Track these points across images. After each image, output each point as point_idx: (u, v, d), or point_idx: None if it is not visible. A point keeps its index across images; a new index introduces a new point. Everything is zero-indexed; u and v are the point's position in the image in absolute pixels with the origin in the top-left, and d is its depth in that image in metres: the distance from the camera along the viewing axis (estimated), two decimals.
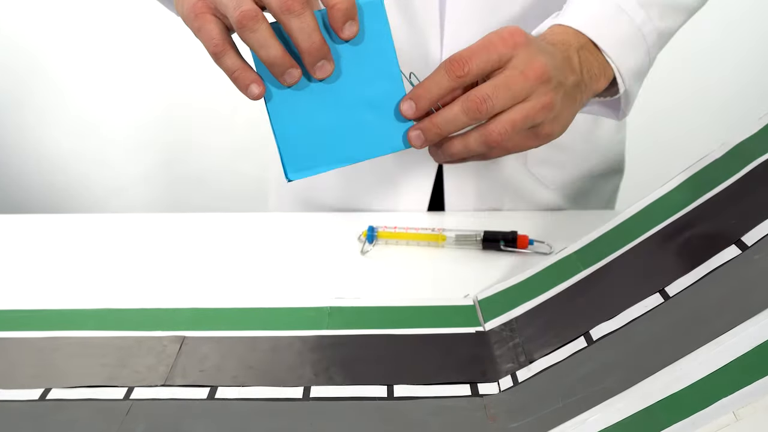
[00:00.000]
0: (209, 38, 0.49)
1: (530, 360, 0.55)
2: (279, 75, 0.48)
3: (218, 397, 0.54)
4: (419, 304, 0.65)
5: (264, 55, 0.48)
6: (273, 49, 0.47)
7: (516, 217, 0.84)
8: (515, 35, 0.53)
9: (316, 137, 0.50)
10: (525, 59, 0.53)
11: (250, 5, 0.47)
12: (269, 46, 0.47)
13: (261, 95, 0.49)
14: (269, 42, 0.47)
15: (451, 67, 0.53)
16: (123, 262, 0.76)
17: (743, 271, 0.50)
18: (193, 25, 0.50)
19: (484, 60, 0.53)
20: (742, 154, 0.59)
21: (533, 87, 0.54)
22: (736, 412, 0.42)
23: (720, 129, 1.88)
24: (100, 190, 2.08)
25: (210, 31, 0.49)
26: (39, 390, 0.54)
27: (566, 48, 0.59)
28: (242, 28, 0.47)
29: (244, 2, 0.47)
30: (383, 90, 0.50)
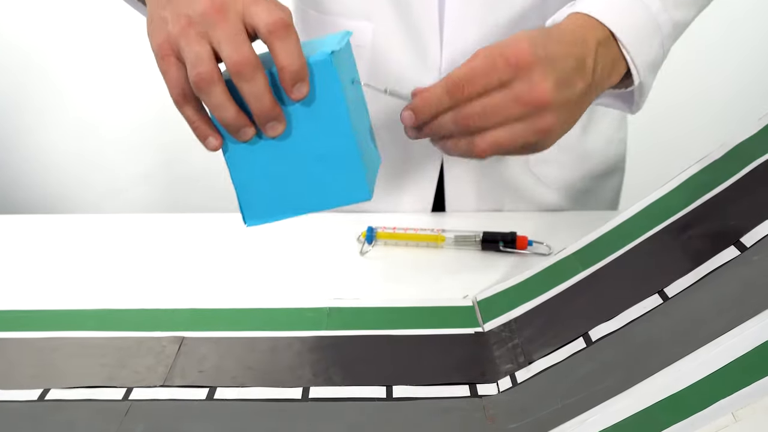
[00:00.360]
0: (173, 86, 0.50)
1: (529, 361, 0.55)
2: (233, 133, 0.50)
3: (217, 397, 0.54)
4: (418, 305, 0.65)
5: (218, 116, 0.49)
6: (227, 111, 0.49)
7: (516, 218, 0.84)
8: (521, 56, 0.53)
9: (273, 187, 0.52)
10: (526, 85, 0.53)
11: (206, 66, 0.48)
12: (224, 108, 0.49)
13: (218, 148, 0.51)
14: (224, 104, 0.49)
15: (452, 90, 0.54)
16: (122, 262, 0.76)
17: (742, 272, 0.50)
18: (159, 65, 0.51)
19: (483, 84, 0.54)
20: (742, 154, 0.59)
21: (528, 112, 0.54)
22: (735, 413, 0.42)
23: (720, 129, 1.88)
24: (99, 191, 2.08)
25: (173, 77, 0.50)
26: (38, 390, 0.54)
27: (583, 48, 0.57)
28: (198, 90, 0.48)
29: (201, 62, 0.48)
30: (335, 145, 0.51)
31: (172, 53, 0.50)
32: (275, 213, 0.53)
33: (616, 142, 0.93)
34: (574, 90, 0.56)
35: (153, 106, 1.99)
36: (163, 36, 0.50)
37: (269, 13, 0.49)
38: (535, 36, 0.55)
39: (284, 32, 0.48)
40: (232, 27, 0.48)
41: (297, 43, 0.49)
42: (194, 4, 0.49)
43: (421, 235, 0.77)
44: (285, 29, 0.48)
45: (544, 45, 0.55)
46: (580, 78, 0.56)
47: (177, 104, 0.50)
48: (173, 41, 0.50)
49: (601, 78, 0.59)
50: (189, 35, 0.49)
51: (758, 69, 1.97)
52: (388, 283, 0.71)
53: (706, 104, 1.98)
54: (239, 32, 0.49)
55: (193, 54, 0.49)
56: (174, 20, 0.50)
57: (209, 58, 0.48)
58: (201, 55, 0.48)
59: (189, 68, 0.49)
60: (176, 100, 0.50)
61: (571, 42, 0.57)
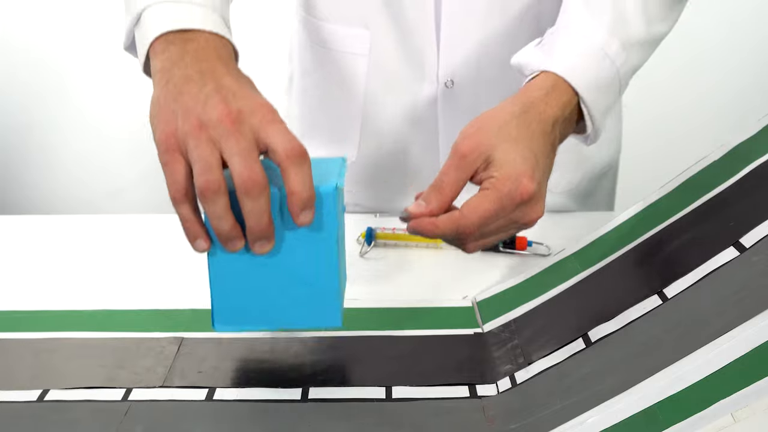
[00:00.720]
0: (173, 181, 0.49)
1: (529, 361, 0.55)
2: (222, 242, 0.50)
3: (217, 398, 0.54)
4: (417, 306, 0.65)
5: (216, 225, 0.49)
6: (225, 222, 0.49)
7: None
8: (526, 194, 0.54)
9: (249, 297, 0.53)
10: (524, 211, 0.55)
11: (215, 175, 0.48)
12: (223, 220, 0.49)
13: (206, 250, 0.51)
14: (224, 215, 0.49)
15: (461, 232, 0.54)
16: (122, 263, 0.76)
17: (742, 272, 0.50)
18: (161, 157, 0.50)
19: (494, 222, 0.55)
20: (741, 155, 0.59)
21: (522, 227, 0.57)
22: (734, 413, 0.42)
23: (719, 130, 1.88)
24: (99, 191, 2.08)
25: (175, 174, 0.49)
26: (37, 391, 0.54)
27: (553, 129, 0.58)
28: (202, 197, 0.48)
29: (210, 170, 0.48)
30: (318, 272, 0.53)
31: (178, 149, 0.49)
32: (246, 323, 0.54)
33: (614, 143, 0.93)
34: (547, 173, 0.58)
35: None
36: (170, 129, 0.50)
37: (287, 137, 0.49)
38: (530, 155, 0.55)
39: (300, 160, 0.48)
40: (246, 142, 0.48)
41: (310, 172, 0.49)
42: (208, 108, 0.49)
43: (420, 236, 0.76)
44: (301, 157, 0.48)
45: (536, 162, 0.55)
46: (552, 162, 0.58)
47: (174, 201, 0.50)
48: (181, 138, 0.49)
49: (563, 138, 0.61)
50: (200, 138, 0.49)
51: (757, 70, 1.97)
52: (387, 283, 0.71)
53: (706, 105, 1.98)
54: (252, 149, 0.49)
55: (204, 160, 0.48)
56: (184, 117, 0.50)
57: (218, 167, 0.48)
58: (211, 163, 0.48)
59: (197, 172, 0.48)
60: (174, 197, 0.50)
61: (546, 130, 0.58)
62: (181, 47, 0.54)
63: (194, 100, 0.50)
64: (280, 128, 0.49)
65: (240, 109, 0.49)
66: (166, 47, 0.54)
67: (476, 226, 0.54)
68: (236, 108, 0.49)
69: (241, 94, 0.50)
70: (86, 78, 1.98)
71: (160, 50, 0.55)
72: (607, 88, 0.62)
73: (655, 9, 0.64)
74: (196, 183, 0.48)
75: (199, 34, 0.55)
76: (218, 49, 0.55)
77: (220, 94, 0.50)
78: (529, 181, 0.54)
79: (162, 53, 0.54)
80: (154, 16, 0.57)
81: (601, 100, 0.61)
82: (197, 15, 0.56)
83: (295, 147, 0.48)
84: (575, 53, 0.61)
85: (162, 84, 0.52)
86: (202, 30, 0.55)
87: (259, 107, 0.50)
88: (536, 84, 0.60)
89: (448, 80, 0.81)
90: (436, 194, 0.55)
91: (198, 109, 0.49)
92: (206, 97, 0.50)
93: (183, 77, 0.52)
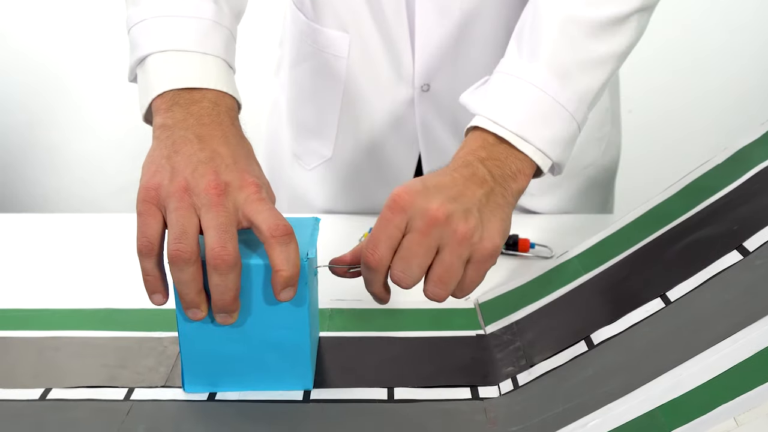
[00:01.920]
0: (143, 234, 0.50)
1: (531, 364, 0.55)
2: (185, 309, 0.51)
3: (218, 398, 0.54)
4: (420, 307, 0.65)
5: (180, 290, 0.50)
6: (190, 291, 0.49)
7: (517, 221, 0.84)
8: (399, 199, 0.53)
9: (220, 361, 0.54)
10: (420, 213, 0.53)
11: (190, 246, 0.48)
12: (188, 288, 0.49)
13: (162, 304, 0.51)
14: (190, 284, 0.49)
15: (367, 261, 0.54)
16: (124, 262, 0.76)
17: (744, 276, 0.50)
18: (138, 205, 0.50)
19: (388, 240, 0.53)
20: (744, 159, 0.59)
21: (437, 234, 0.53)
22: (736, 417, 0.42)
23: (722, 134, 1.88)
24: (101, 190, 2.09)
25: (148, 227, 0.50)
26: (39, 390, 0.54)
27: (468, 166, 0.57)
28: (172, 263, 0.48)
29: (185, 238, 0.48)
30: (289, 338, 0.53)
31: (157, 204, 0.50)
32: (217, 385, 0.54)
33: (613, 147, 0.94)
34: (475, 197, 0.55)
35: None
36: (155, 182, 0.50)
37: (273, 215, 0.49)
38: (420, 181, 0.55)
39: (287, 239, 0.49)
40: (225, 217, 0.49)
41: (296, 251, 0.49)
42: (197, 175, 0.50)
43: None
44: (288, 236, 0.49)
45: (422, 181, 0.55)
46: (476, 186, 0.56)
47: (140, 253, 0.50)
48: (164, 195, 0.49)
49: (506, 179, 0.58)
50: (182, 201, 0.49)
51: (760, 74, 1.97)
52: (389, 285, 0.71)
53: (708, 109, 1.98)
54: (230, 225, 0.49)
55: (180, 226, 0.48)
56: (172, 176, 0.50)
57: (194, 236, 0.48)
58: (187, 231, 0.48)
59: (171, 238, 0.48)
60: (141, 250, 0.49)
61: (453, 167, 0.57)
62: (185, 109, 0.54)
63: (186, 162, 0.50)
64: (268, 206, 0.50)
65: (228, 182, 0.50)
66: (170, 107, 0.55)
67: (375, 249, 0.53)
68: (224, 180, 0.50)
69: (233, 166, 0.51)
70: (89, 77, 1.98)
71: (164, 108, 0.55)
72: (548, 119, 0.60)
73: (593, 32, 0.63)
74: (168, 248, 0.48)
75: (205, 94, 0.56)
76: (221, 114, 0.55)
77: (213, 162, 0.50)
78: (402, 189, 0.53)
79: (166, 111, 0.55)
80: (159, 67, 0.58)
81: (545, 132, 0.60)
82: (203, 70, 0.57)
83: (280, 226, 0.49)
84: (505, 92, 0.61)
85: (161, 139, 0.53)
86: (209, 89, 0.56)
87: (248, 184, 0.50)
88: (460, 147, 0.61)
89: (424, 84, 0.82)
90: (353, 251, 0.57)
91: (187, 172, 0.50)
92: (198, 163, 0.50)
93: (182, 138, 0.52)
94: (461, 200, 0.54)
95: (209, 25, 0.60)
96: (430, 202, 0.53)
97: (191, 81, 0.56)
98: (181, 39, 0.58)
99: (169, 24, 0.59)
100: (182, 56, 0.58)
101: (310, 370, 0.55)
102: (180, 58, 0.58)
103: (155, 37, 0.59)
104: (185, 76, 0.56)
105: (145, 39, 0.59)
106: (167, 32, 0.59)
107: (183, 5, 0.60)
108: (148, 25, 0.59)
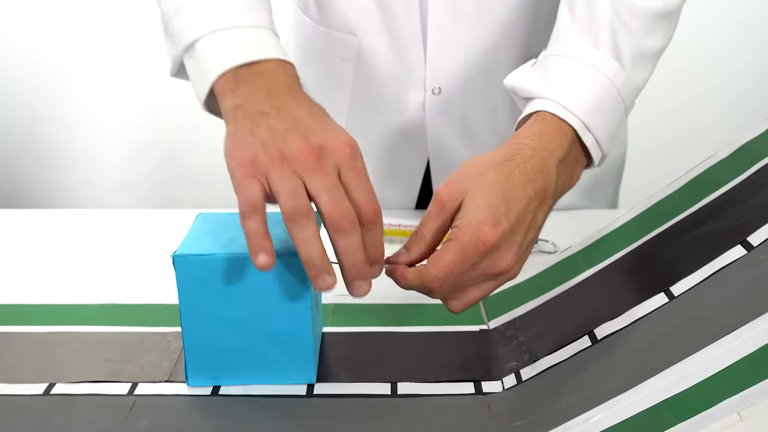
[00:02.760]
0: (246, 198, 0.48)
1: (534, 358, 0.55)
2: (313, 277, 0.48)
3: (222, 393, 0.54)
4: (423, 302, 0.65)
5: (304, 252, 0.48)
6: (315, 249, 0.47)
7: None
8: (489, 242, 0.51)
9: (223, 356, 0.54)
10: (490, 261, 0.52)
11: (304, 201, 0.47)
12: (312, 246, 0.47)
13: (267, 266, 0.48)
14: (313, 241, 0.47)
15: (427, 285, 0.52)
16: (127, 257, 0.76)
17: (749, 271, 0.49)
18: (237, 180, 0.49)
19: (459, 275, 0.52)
20: (749, 154, 0.59)
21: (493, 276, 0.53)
22: (740, 412, 0.42)
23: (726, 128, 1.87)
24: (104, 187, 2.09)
25: (251, 192, 0.48)
26: (43, 385, 0.54)
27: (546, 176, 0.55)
28: (291, 221, 0.47)
29: (299, 197, 0.47)
30: (292, 332, 0.53)
31: (256, 176, 0.48)
32: (220, 379, 0.55)
33: (620, 142, 0.93)
34: (535, 226, 0.55)
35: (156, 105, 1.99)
36: (249, 157, 0.49)
37: (369, 195, 0.49)
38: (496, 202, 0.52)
39: (377, 224, 0.49)
40: (330, 178, 0.48)
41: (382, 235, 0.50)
42: (288, 143, 0.49)
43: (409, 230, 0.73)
44: (378, 222, 0.49)
45: (507, 209, 0.52)
46: (541, 212, 0.55)
47: (245, 214, 0.48)
48: (262, 168, 0.48)
49: (563, 189, 0.58)
50: (284, 170, 0.48)
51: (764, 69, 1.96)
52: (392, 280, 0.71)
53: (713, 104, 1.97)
54: (338, 186, 0.48)
55: (290, 187, 0.47)
56: (264, 149, 0.49)
57: (305, 196, 0.48)
58: (299, 191, 0.47)
59: (284, 198, 0.47)
60: (246, 210, 0.48)
61: (531, 177, 0.54)
62: (252, 84, 0.53)
63: (272, 134, 0.49)
64: (360, 180, 0.49)
65: (321, 144, 0.49)
66: (235, 86, 0.53)
67: (440, 280, 0.51)
68: (317, 143, 0.49)
69: (319, 129, 0.50)
70: (91, 73, 1.98)
71: (229, 89, 0.53)
72: (610, 110, 0.59)
73: (648, 24, 0.62)
74: (283, 208, 0.47)
75: (266, 66, 0.54)
76: (288, 82, 0.54)
77: (298, 129, 0.50)
78: (491, 228, 0.51)
79: (232, 91, 0.53)
80: (212, 49, 0.55)
81: (604, 123, 0.58)
82: (259, 42, 0.55)
83: (371, 210, 0.49)
84: (571, 77, 0.59)
85: (237, 120, 0.51)
86: (267, 60, 0.54)
87: (341, 145, 0.49)
88: (524, 132, 0.57)
89: (435, 87, 0.81)
90: (417, 242, 0.54)
91: (278, 142, 0.49)
92: (285, 131, 0.49)
93: (258, 113, 0.51)
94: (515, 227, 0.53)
95: (249, 2, 0.58)
96: (509, 251, 0.52)
97: (249, 55, 0.54)
98: (228, 17, 0.56)
99: (209, 6, 0.57)
100: (234, 33, 0.55)
101: (314, 365, 0.55)
102: (232, 35, 0.55)
103: (200, 22, 0.56)
104: (242, 52, 0.54)
105: (188, 26, 0.57)
106: (211, 14, 0.57)
107: None
108: (189, 12, 0.57)
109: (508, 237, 0.52)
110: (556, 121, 0.57)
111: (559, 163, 0.56)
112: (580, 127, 0.57)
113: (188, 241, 0.53)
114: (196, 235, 0.54)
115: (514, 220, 0.52)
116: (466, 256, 0.51)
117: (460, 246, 0.51)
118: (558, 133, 0.57)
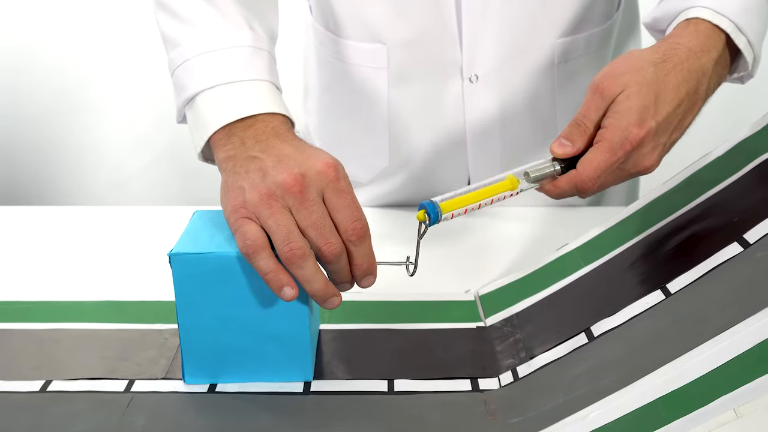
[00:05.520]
0: (247, 238, 0.50)
1: (531, 356, 0.55)
2: (321, 303, 0.52)
3: (219, 390, 0.54)
4: (420, 299, 0.65)
5: (308, 289, 0.51)
6: (317, 283, 0.50)
7: (519, 215, 0.84)
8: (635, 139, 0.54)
9: (220, 353, 0.54)
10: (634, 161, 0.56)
11: (299, 242, 0.49)
12: (314, 281, 0.50)
13: (294, 297, 0.51)
14: (315, 277, 0.50)
15: (580, 188, 0.55)
16: (125, 254, 0.76)
17: (745, 268, 0.50)
18: (232, 224, 0.52)
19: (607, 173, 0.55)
20: (745, 151, 0.59)
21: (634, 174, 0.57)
22: (736, 409, 0.42)
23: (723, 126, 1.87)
24: (103, 183, 2.08)
25: (248, 232, 0.50)
26: (40, 382, 0.54)
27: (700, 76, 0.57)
28: (290, 264, 0.50)
29: (293, 237, 0.49)
30: (289, 329, 0.54)
31: (248, 217, 0.51)
32: (217, 377, 0.55)
33: None
34: (682, 128, 0.58)
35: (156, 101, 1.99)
36: (239, 202, 0.52)
37: (349, 214, 0.51)
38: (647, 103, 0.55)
39: (364, 239, 0.52)
40: (315, 213, 0.51)
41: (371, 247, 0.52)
42: (273, 178, 0.51)
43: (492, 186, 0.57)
44: (365, 237, 0.52)
45: (656, 110, 0.55)
46: (690, 114, 0.58)
47: (251, 255, 0.50)
48: (252, 209, 0.51)
49: (713, 91, 0.60)
50: (273, 207, 0.50)
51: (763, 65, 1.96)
52: (389, 277, 0.71)
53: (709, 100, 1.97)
54: (323, 217, 0.51)
55: (283, 227, 0.50)
56: (251, 190, 0.51)
57: (299, 233, 0.50)
58: (291, 230, 0.50)
59: (279, 241, 0.49)
60: (250, 251, 0.50)
61: (687, 78, 0.57)
62: (241, 136, 0.57)
63: (262, 174, 0.52)
64: (344, 201, 0.51)
65: (302, 173, 0.51)
66: (227, 140, 0.57)
67: (593, 181, 0.55)
68: (299, 172, 0.51)
69: (301, 157, 0.53)
70: (89, 72, 1.98)
71: (222, 143, 0.57)
72: (758, 10, 0.61)
73: None
74: (280, 252, 0.50)
75: (257, 118, 0.58)
76: (276, 128, 0.57)
77: (282, 163, 0.52)
78: (637, 128, 0.54)
79: (224, 145, 0.57)
80: (210, 105, 0.60)
81: (755, 24, 0.60)
82: (255, 97, 0.59)
83: (357, 228, 0.51)
84: None
85: (228, 169, 0.55)
86: (259, 114, 0.58)
87: (324, 167, 0.52)
88: (679, 32, 0.60)
89: (473, 75, 0.80)
90: (581, 134, 0.56)
91: (267, 180, 0.51)
92: (270, 168, 0.52)
93: (248, 158, 0.54)
94: (661, 127, 0.56)
95: (249, 52, 0.62)
96: (652, 151, 0.56)
97: (243, 110, 0.58)
98: (226, 72, 0.61)
99: (211, 60, 0.61)
100: (230, 88, 0.60)
101: (311, 362, 0.55)
102: (229, 91, 0.60)
103: (201, 75, 0.61)
104: (237, 108, 0.58)
105: (190, 79, 0.61)
106: (211, 68, 0.61)
107: (221, 38, 0.62)
108: (192, 64, 0.62)
109: (653, 137, 0.55)
110: (708, 26, 0.59)
111: (715, 64, 0.59)
112: (732, 30, 0.59)
113: (185, 239, 0.53)
114: (192, 232, 0.54)
115: (662, 120, 0.55)
116: (616, 156, 0.55)
117: (609, 147, 0.55)
118: (713, 34, 0.59)
